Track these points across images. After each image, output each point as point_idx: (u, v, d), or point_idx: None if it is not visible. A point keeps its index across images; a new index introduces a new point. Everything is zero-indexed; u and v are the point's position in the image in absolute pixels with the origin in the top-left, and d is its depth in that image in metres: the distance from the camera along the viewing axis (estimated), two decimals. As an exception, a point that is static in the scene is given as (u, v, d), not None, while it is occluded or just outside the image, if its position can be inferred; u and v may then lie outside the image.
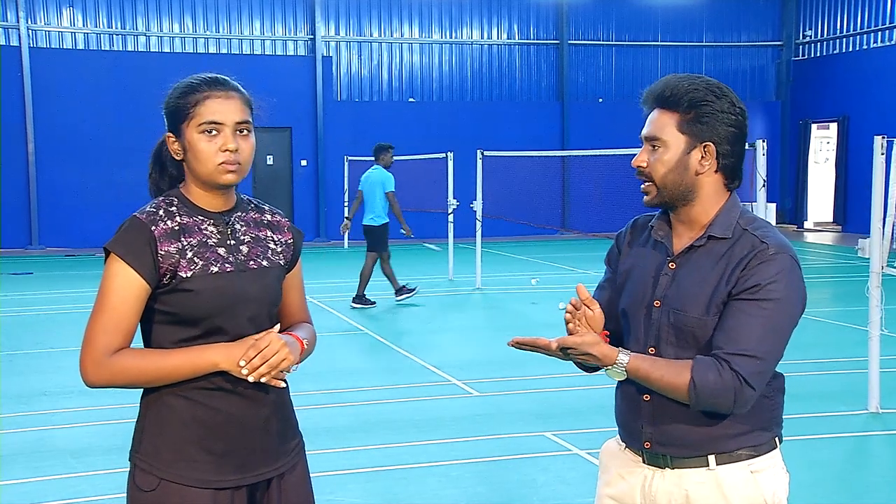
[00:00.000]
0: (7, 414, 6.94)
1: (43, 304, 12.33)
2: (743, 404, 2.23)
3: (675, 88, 2.32)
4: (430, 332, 10.28)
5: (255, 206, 2.52)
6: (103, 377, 2.25)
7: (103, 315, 2.26)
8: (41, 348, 9.40)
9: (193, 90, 2.33)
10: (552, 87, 23.51)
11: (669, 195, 2.35)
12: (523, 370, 8.00)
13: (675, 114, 2.32)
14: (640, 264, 2.45)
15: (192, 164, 2.34)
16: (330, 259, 17.67)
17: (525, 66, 23.36)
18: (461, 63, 22.95)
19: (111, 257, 2.28)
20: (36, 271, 15.99)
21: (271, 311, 2.43)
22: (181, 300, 2.29)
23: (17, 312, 11.65)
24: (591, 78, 23.65)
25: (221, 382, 2.31)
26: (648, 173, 2.36)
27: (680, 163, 2.32)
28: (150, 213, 2.34)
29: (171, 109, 2.36)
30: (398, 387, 7.80)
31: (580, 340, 2.24)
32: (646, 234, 2.49)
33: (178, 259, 2.29)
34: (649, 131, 2.36)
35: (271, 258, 2.45)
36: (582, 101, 23.32)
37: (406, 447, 6.12)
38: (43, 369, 8.44)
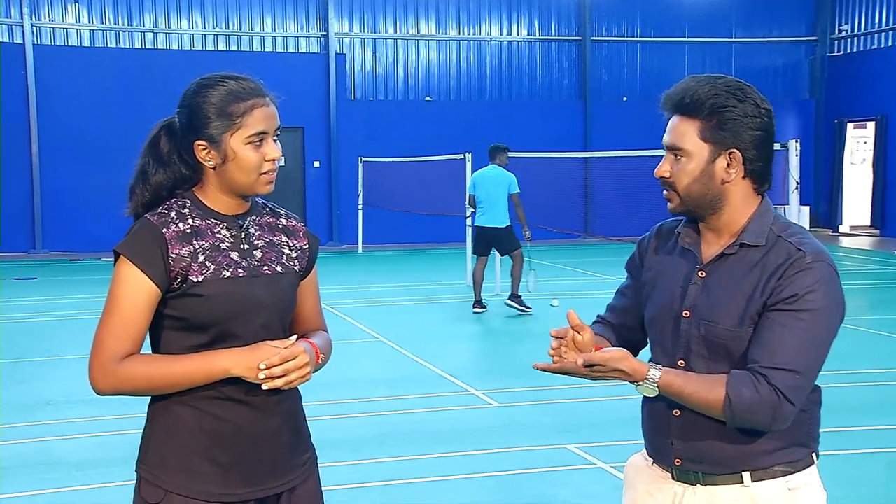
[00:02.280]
0: (9, 424, 6.98)
1: (47, 310, 12.40)
2: (782, 420, 2.21)
3: (694, 94, 2.29)
4: (448, 340, 10.28)
5: (269, 209, 2.53)
6: (112, 384, 2.26)
7: (112, 320, 2.26)
8: (45, 356, 9.46)
9: (239, 98, 2.31)
10: (574, 85, 23.48)
11: (694, 205, 2.33)
12: (544, 379, 7.96)
13: (697, 121, 2.29)
14: (667, 272, 2.43)
15: (232, 174, 2.33)
16: (343, 264, 17.70)
17: (546, 63, 23.34)
18: (479, 61, 22.96)
19: (121, 260, 2.29)
20: (40, 276, 16.10)
21: (284, 319, 2.43)
22: (192, 305, 2.29)
23: (20, 319, 11.73)
24: (615, 76, 23.60)
25: (231, 391, 2.31)
26: (672, 183, 2.34)
27: (704, 172, 2.30)
28: (162, 214, 2.34)
29: (205, 114, 2.31)
30: (414, 397, 7.79)
31: (608, 356, 2.22)
32: (672, 241, 2.46)
33: (189, 263, 2.30)
34: (670, 140, 2.34)
35: (286, 264, 2.45)
36: (605, 100, 23.28)
37: (422, 460, 6.12)
38: (46, 377, 8.49)
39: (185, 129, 2.36)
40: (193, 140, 2.34)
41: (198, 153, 2.35)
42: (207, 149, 2.34)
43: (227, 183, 2.35)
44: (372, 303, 12.91)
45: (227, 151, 2.32)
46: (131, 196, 2.42)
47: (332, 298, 12.29)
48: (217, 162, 2.34)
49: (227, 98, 2.32)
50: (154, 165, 2.40)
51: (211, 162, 2.34)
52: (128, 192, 2.43)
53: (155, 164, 2.40)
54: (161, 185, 2.39)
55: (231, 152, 2.32)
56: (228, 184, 2.35)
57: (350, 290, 13.88)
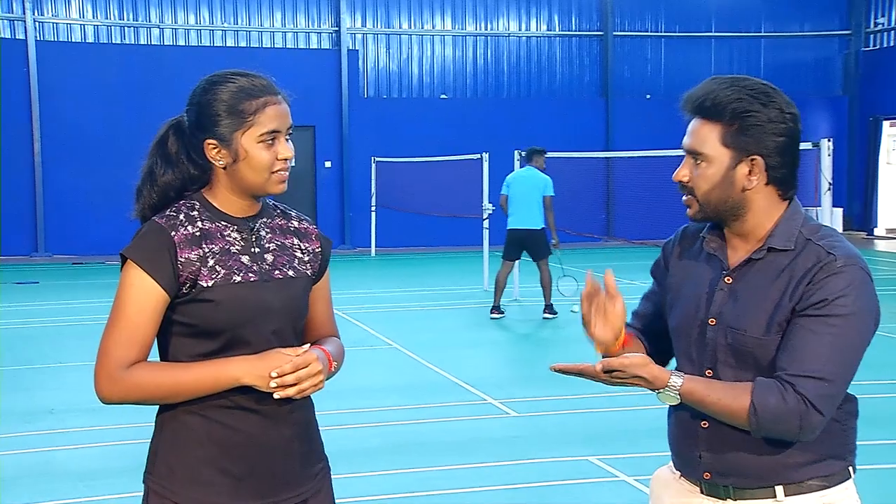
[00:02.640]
0: (11, 433, 7.02)
1: (49, 315, 12.47)
2: (810, 430, 2.20)
3: (716, 97, 2.28)
4: (464, 347, 10.27)
5: (281, 211, 2.53)
6: (118, 392, 2.27)
7: (119, 326, 2.28)
8: (47, 363, 9.51)
9: (250, 95, 2.33)
10: (595, 82, 23.45)
11: (714, 212, 2.33)
12: (566, 388, 7.98)
13: (718, 125, 2.29)
14: (692, 278, 2.42)
15: (243, 173, 2.34)
16: (356, 268, 17.73)
17: (566, 59, 23.33)
18: (497, 57, 22.97)
19: (128, 264, 2.31)
20: (42, 280, 16.19)
21: (296, 324, 2.44)
22: (201, 311, 2.30)
23: (21, 324, 11.80)
24: (638, 72, 23.56)
25: (241, 400, 2.32)
26: (691, 188, 2.34)
27: (725, 179, 2.29)
28: (170, 216, 2.35)
29: (215, 112, 2.33)
30: (429, 406, 7.80)
31: (627, 362, 2.22)
32: (697, 245, 2.46)
33: (198, 267, 2.31)
34: (690, 144, 2.34)
35: (298, 267, 2.46)
36: (628, 98, 23.25)
37: (438, 471, 6.12)
38: (49, 385, 8.54)
39: (195, 127, 2.37)
40: (203, 139, 2.35)
41: (208, 152, 2.36)
42: (218, 148, 2.34)
43: (238, 183, 2.36)
44: (385, 308, 12.93)
45: (239, 150, 2.33)
46: (138, 198, 2.43)
47: (344, 304, 12.30)
48: (228, 161, 2.34)
49: (238, 95, 2.33)
50: (162, 166, 2.40)
51: (221, 161, 2.35)
52: (134, 194, 2.44)
53: (162, 165, 2.40)
54: (169, 185, 2.40)
55: (242, 151, 2.32)
56: (239, 184, 2.36)
57: (362, 294, 13.90)
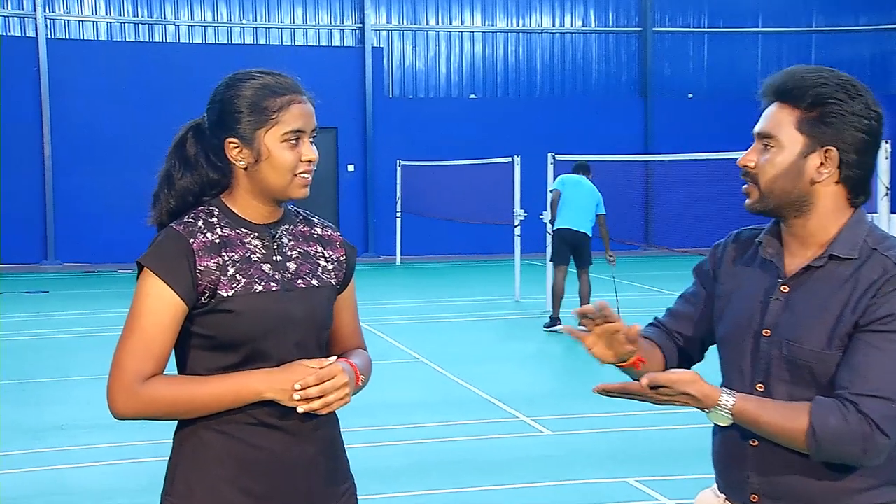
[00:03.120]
0: (19, 451, 7.08)
1: (59, 326, 12.58)
2: (875, 454, 2.16)
3: (799, 81, 2.27)
4: (495, 361, 10.27)
5: (303, 218, 2.55)
6: (134, 407, 2.28)
7: (134, 337, 2.29)
8: (57, 376, 9.59)
9: (275, 93, 2.35)
10: (634, 81, 23.39)
11: (775, 203, 2.31)
12: (602, 405, 7.95)
13: (796, 110, 2.27)
14: (745, 286, 2.40)
15: (265, 175, 2.36)
16: (380, 277, 17.77)
17: (603, 57, 23.29)
18: (529, 54, 22.97)
19: (144, 273, 2.32)
20: (52, 289, 16.33)
21: (320, 336, 2.45)
22: (221, 322, 2.31)
23: (30, 336, 11.90)
24: (680, 71, 23.48)
25: (263, 416, 2.33)
26: (755, 175, 2.32)
27: (793, 167, 2.27)
28: (188, 223, 2.37)
29: (237, 109, 2.35)
30: (458, 423, 7.79)
31: (675, 378, 2.20)
32: (751, 251, 2.44)
33: (218, 276, 2.32)
34: (763, 127, 2.32)
35: (321, 276, 2.47)
36: (668, 98, 23.17)
37: (467, 493, 6.11)
38: (60, 400, 8.60)
39: (216, 126, 2.39)
40: (224, 138, 2.37)
41: (228, 152, 2.38)
42: (239, 147, 2.36)
43: (260, 186, 2.37)
44: (411, 320, 12.94)
45: (261, 150, 2.34)
46: (155, 203, 2.45)
47: (368, 314, 12.31)
48: (249, 161, 2.36)
49: (262, 92, 2.35)
50: (180, 169, 2.43)
51: (243, 161, 2.37)
52: (151, 199, 2.46)
53: (181, 168, 2.43)
54: (187, 190, 2.42)
55: (265, 150, 2.34)
56: (261, 187, 2.37)
57: (387, 305, 13.92)
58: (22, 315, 13.38)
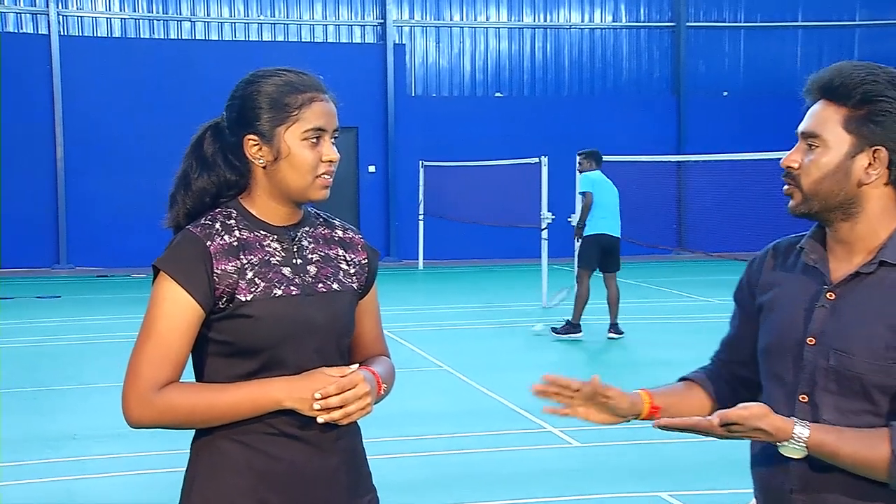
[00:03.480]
0: (30, 461, 7.12)
1: (72, 332, 12.66)
2: None
3: (847, 77, 2.24)
4: (522, 370, 10.24)
5: (324, 220, 2.56)
6: (149, 416, 2.29)
7: (150, 343, 2.31)
8: (70, 384, 9.65)
9: (297, 90, 2.38)
10: (666, 78, 23.33)
11: (820, 205, 2.28)
12: (632, 417, 7.93)
13: (843, 108, 2.25)
14: (788, 293, 2.37)
15: (284, 174, 2.38)
16: (402, 282, 17.79)
17: (634, 53, 23.24)
18: (557, 51, 22.96)
19: (160, 276, 2.34)
20: (64, 294, 16.44)
21: (342, 342, 2.46)
22: (239, 327, 2.33)
23: (42, 342, 11.98)
24: (715, 67, 23.40)
25: (283, 425, 2.34)
26: (798, 176, 2.29)
27: (840, 168, 2.25)
28: (206, 226, 2.38)
29: (257, 105, 2.38)
30: (483, 434, 7.79)
31: (746, 413, 2.16)
32: (793, 258, 2.41)
33: (236, 279, 2.34)
34: (807, 126, 2.29)
35: (343, 280, 2.48)
36: (703, 96, 23.09)
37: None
38: (72, 409, 8.66)
39: (235, 123, 2.41)
40: (243, 135, 2.39)
41: (247, 150, 2.40)
42: (258, 144, 2.38)
43: (278, 185, 2.39)
44: (434, 326, 12.95)
45: (281, 147, 2.36)
46: (171, 205, 2.47)
47: (390, 321, 12.32)
48: (268, 160, 2.38)
49: (283, 88, 2.37)
50: (197, 169, 2.45)
51: (261, 160, 2.39)
52: (168, 201, 2.48)
53: (198, 168, 2.45)
54: (204, 191, 2.44)
55: (285, 148, 2.36)
56: (279, 186, 2.39)
57: (409, 311, 13.93)
58: (33, 321, 13.48)
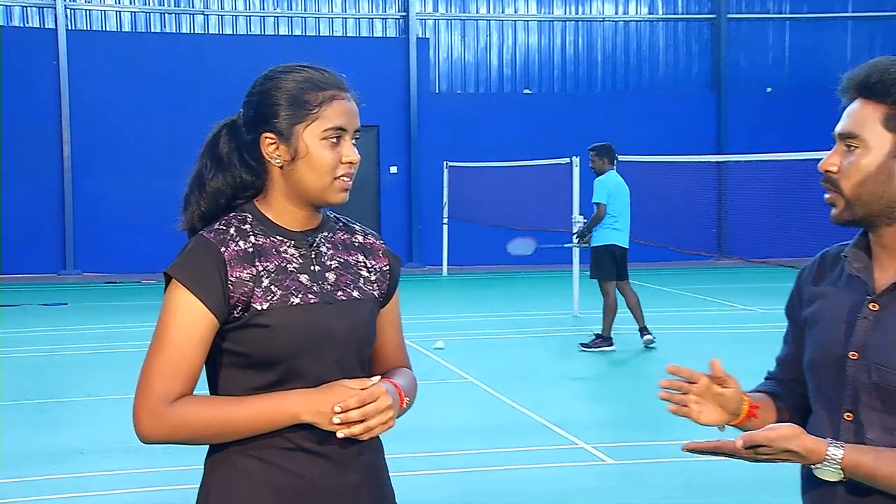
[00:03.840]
0: (34, 476, 7.15)
1: (79, 341, 12.73)
2: None
3: (884, 73, 2.24)
4: (552, 382, 10.24)
5: (343, 224, 2.58)
6: (161, 431, 2.30)
7: (162, 355, 2.32)
8: (77, 396, 9.70)
9: (317, 86, 2.40)
10: (706, 73, 23.25)
11: (864, 210, 2.27)
12: (670, 432, 7.88)
13: (883, 106, 2.25)
14: (830, 306, 2.37)
15: (302, 175, 2.39)
16: (425, 288, 17.80)
17: (671, 47, 23.17)
18: (589, 45, 22.91)
19: (172, 284, 2.36)
20: (71, 301, 16.54)
21: (362, 353, 2.47)
22: (255, 338, 2.34)
23: (48, 351, 12.05)
24: (757, 61, 23.29)
25: (302, 440, 2.35)
26: (838, 180, 2.29)
27: (882, 169, 2.24)
28: (220, 231, 2.40)
29: (276, 101, 2.39)
30: (510, 450, 7.78)
31: (773, 435, 2.16)
32: (838, 269, 2.41)
33: (251, 287, 2.35)
34: (845, 126, 2.29)
35: (363, 288, 2.49)
36: (744, 92, 22.99)
37: (520, 527, 6.11)
38: (79, 422, 8.70)
39: (252, 121, 2.43)
40: (260, 132, 2.41)
41: (264, 148, 2.41)
42: (276, 143, 2.40)
43: (296, 186, 2.41)
44: (459, 336, 12.94)
45: (299, 146, 2.38)
46: (185, 207, 2.50)
47: (412, 330, 12.31)
48: (286, 159, 2.40)
49: (303, 85, 2.39)
50: (211, 169, 2.47)
51: (278, 159, 2.40)
52: (182, 203, 2.50)
53: (212, 168, 2.47)
54: (219, 192, 2.46)
55: (303, 147, 2.38)
56: (297, 187, 2.41)
57: (433, 320, 13.93)
58: (39, 329, 13.56)
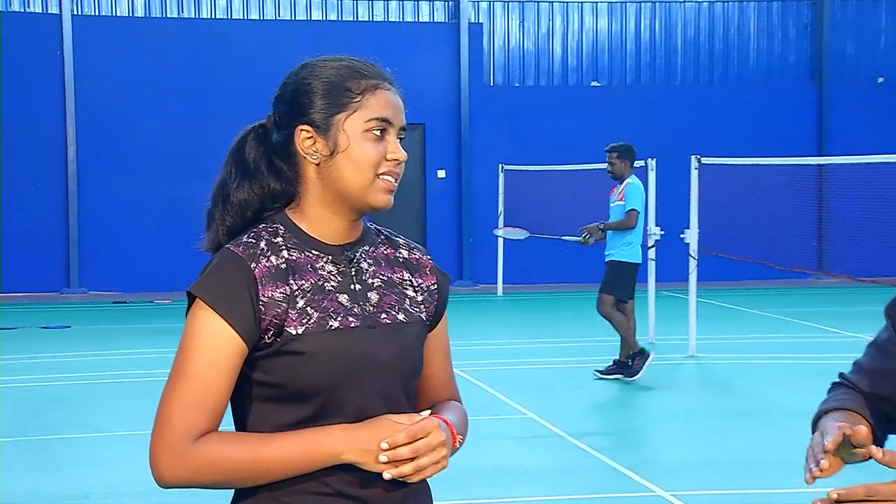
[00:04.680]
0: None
1: (85, 369, 12.82)
2: None
3: None
4: (623, 420, 10.20)
5: (385, 237, 2.59)
6: (183, 473, 2.30)
7: (184, 385, 2.32)
8: (82, 432, 9.77)
9: (360, 74, 2.43)
10: (804, 61, 23.09)
11: None
12: (760, 478, 7.83)
13: None
14: None
15: (341, 172, 2.41)
16: (477, 310, 17.78)
17: (764, 32, 23.03)
18: (668, 30, 22.83)
19: (196, 305, 2.36)
20: (75, 324, 16.67)
21: (408, 384, 2.47)
22: (289, 366, 2.34)
23: (49, 381, 12.15)
24: (866, 48, 23.09)
25: (341, 484, 2.34)
26: None
27: None
28: (249, 244, 2.40)
29: (312, 90, 2.42)
30: (577, 497, 7.75)
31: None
32: None
33: (285, 309, 2.36)
34: None
35: (409, 310, 2.50)
36: (850, 83, 22.81)
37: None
38: (84, 461, 8.76)
39: (285, 115, 2.45)
40: (295, 125, 2.43)
41: (299, 143, 2.43)
42: (312, 136, 2.42)
43: (334, 186, 2.42)
44: (516, 365, 12.92)
45: (339, 139, 2.40)
46: (209, 223, 2.51)
47: (462, 357, 12.34)
48: (323, 155, 2.41)
49: (344, 72, 2.43)
50: (236, 177, 2.48)
51: (315, 155, 2.42)
52: (205, 219, 2.52)
53: (237, 176, 2.48)
54: (245, 204, 2.47)
55: (343, 140, 2.40)
56: (334, 187, 2.42)
57: (486, 346, 13.92)
58: (39, 355, 13.66)
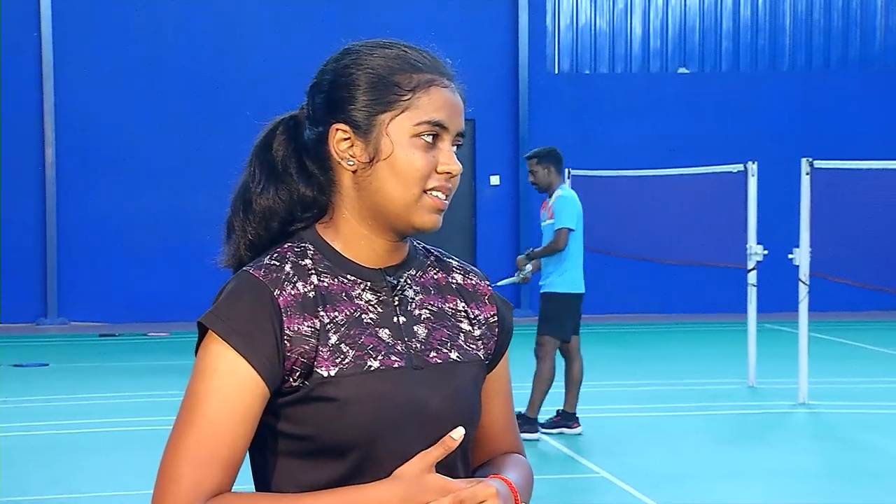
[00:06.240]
0: None
1: (64, 416, 12.85)
2: None
3: None
4: (718, 478, 10.15)
5: (436, 258, 2.59)
6: (191, 540, 2.32)
7: (194, 435, 2.32)
8: (61, 492, 9.77)
9: (412, 66, 2.41)
10: (938, 44, 22.99)
11: None
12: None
13: None
14: None
15: (382, 183, 2.38)
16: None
17: (892, 8, 22.90)
18: (773, 6, 22.73)
19: (209, 339, 2.36)
20: (53, 361, 16.69)
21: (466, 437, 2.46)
22: (319, 415, 2.34)
23: (22, 430, 12.18)
24: None
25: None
26: None
27: None
28: (272, 267, 2.39)
29: (353, 82, 2.39)
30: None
31: None
32: None
33: (314, 345, 2.36)
34: None
35: (464, 346, 2.50)
36: None
37: None
38: (65, 527, 8.82)
39: (321, 109, 2.44)
40: (331, 123, 2.41)
41: (333, 145, 2.41)
42: (350, 137, 2.40)
43: (371, 201, 2.40)
44: (589, 412, 12.89)
45: (381, 143, 2.38)
46: (228, 235, 2.51)
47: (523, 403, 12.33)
48: (361, 161, 2.39)
49: (393, 63, 2.41)
50: (261, 180, 2.48)
51: (352, 160, 2.40)
52: (224, 230, 2.52)
53: (262, 178, 2.48)
54: (270, 212, 2.46)
55: (386, 145, 2.37)
56: (372, 202, 2.40)
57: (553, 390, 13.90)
58: (11, 399, 13.66)
